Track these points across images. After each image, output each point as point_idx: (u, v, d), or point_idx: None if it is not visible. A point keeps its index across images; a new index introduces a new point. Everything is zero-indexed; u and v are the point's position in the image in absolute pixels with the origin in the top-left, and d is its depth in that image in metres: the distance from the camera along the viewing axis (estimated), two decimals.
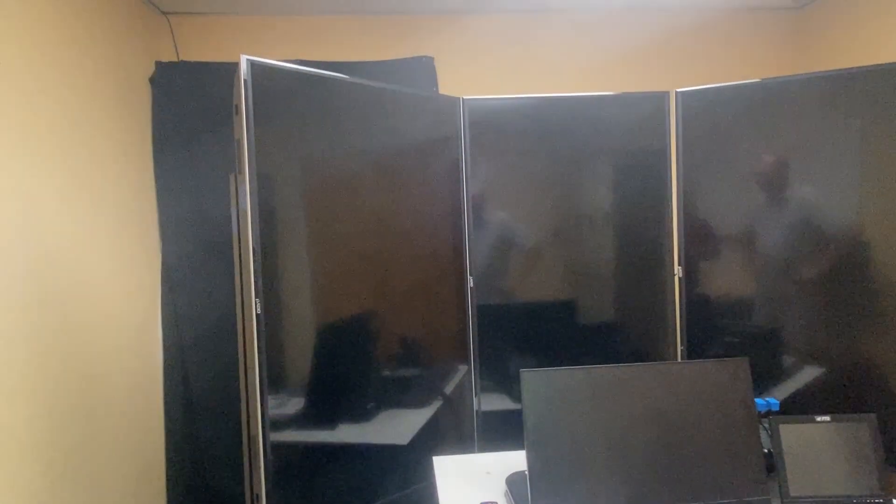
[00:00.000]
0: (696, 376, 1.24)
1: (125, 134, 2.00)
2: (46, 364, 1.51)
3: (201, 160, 2.16)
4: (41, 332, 1.49)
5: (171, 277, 2.16)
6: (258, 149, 1.37)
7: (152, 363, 2.10)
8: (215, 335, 2.11)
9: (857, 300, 1.72)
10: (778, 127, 1.78)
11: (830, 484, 1.20)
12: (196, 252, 2.16)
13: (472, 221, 1.89)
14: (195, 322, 2.16)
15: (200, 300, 2.16)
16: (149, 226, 2.13)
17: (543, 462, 1.17)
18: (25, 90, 1.48)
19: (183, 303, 2.16)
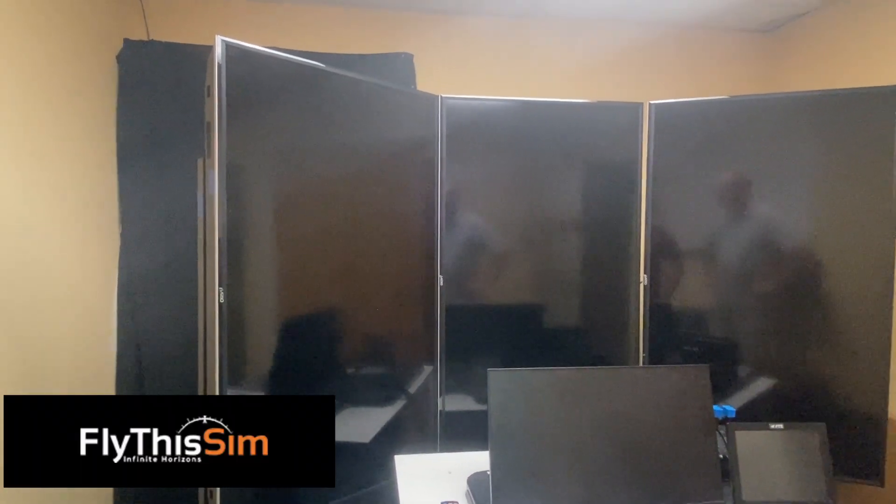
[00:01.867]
0: (657, 381, 1.26)
1: (88, 110, 1.91)
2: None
3: (168, 142, 2.09)
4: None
5: (130, 263, 2.08)
6: (229, 134, 1.33)
7: (105, 351, 2.01)
8: (174, 324, 2.04)
9: (809, 315, 1.80)
10: (743, 144, 1.84)
11: (781, 489, 1.24)
12: (157, 237, 2.09)
13: (445, 221, 1.88)
14: (153, 310, 2.08)
15: (160, 287, 2.08)
16: (108, 207, 2.04)
17: (506, 462, 1.17)
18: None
19: (140, 288, 2.08)
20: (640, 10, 2.46)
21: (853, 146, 1.73)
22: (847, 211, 1.75)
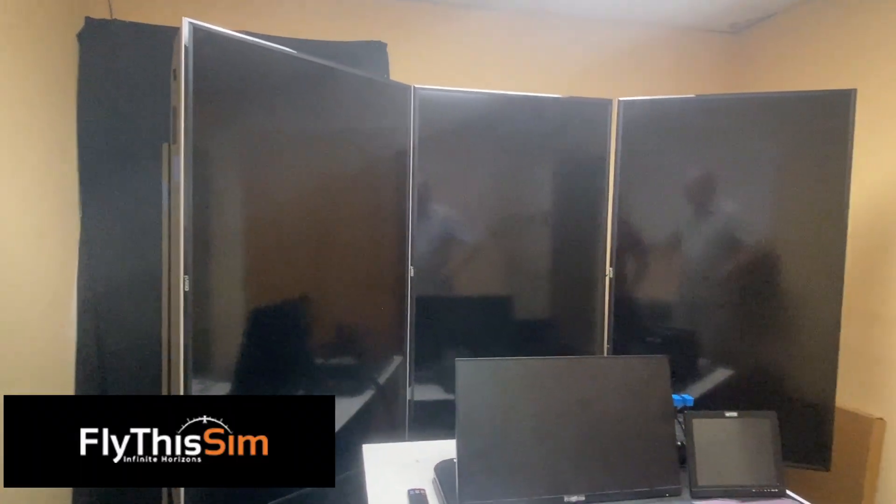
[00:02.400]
0: (620, 371, 1.30)
1: (46, 92, 1.84)
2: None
3: (131, 126, 2.02)
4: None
5: (90, 250, 2.01)
6: (196, 119, 1.30)
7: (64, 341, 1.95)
8: (137, 313, 1.99)
9: (765, 310, 1.87)
10: (708, 142, 1.89)
11: (734, 475, 1.30)
12: (120, 224, 2.03)
13: (417, 213, 1.88)
14: (115, 298, 2.02)
15: (122, 274, 2.02)
16: (68, 192, 1.97)
17: (472, 450, 1.20)
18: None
19: (102, 276, 2.01)
20: (615, 9, 2.50)
21: (811, 146, 1.80)
22: (803, 209, 1.83)
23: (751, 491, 1.28)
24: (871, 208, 2.16)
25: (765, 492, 1.29)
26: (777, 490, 1.29)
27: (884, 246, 2.12)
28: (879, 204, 2.13)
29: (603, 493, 1.21)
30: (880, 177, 2.13)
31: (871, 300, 2.15)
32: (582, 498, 1.20)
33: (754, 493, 1.28)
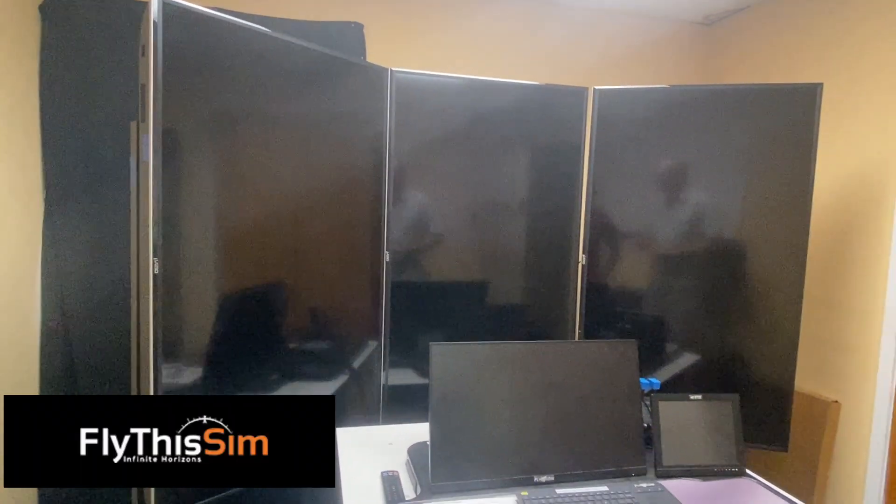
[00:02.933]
0: (590, 355, 1.33)
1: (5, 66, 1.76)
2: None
3: (98, 103, 1.96)
4: None
5: (55, 230, 1.95)
6: (165, 97, 1.26)
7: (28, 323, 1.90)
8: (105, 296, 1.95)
9: (731, 298, 1.93)
10: (680, 132, 1.93)
11: (697, 455, 1.35)
12: (85, 204, 1.97)
13: (393, 198, 1.88)
14: (81, 280, 1.97)
15: (87, 255, 1.96)
16: (30, 171, 1.91)
17: (445, 432, 1.21)
18: None
19: (68, 257, 1.96)
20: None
21: (778, 138, 1.85)
22: (769, 200, 1.88)
23: (712, 470, 1.33)
24: (833, 200, 2.23)
25: (725, 471, 1.34)
26: (737, 469, 1.35)
27: (844, 236, 2.20)
28: (842, 195, 2.21)
29: (571, 473, 1.24)
30: (843, 169, 2.20)
31: (831, 288, 2.24)
32: (551, 478, 1.23)
33: (716, 472, 1.33)
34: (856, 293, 2.15)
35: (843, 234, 2.21)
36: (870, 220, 2.11)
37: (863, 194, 2.14)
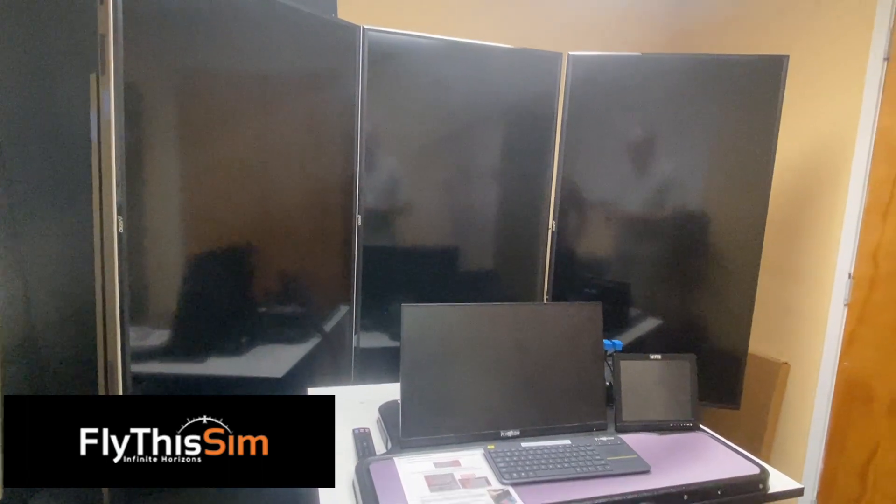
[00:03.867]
0: (556, 316, 1.37)
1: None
2: None
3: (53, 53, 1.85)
4: None
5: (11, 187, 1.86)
6: (126, 49, 1.21)
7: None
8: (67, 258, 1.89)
9: (692, 265, 2.00)
10: (651, 102, 1.95)
11: (655, 411, 1.42)
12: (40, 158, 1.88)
13: (365, 161, 1.86)
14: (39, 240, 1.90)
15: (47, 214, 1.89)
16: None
17: (415, 390, 1.24)
18: None
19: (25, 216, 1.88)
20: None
21: (743, 109, 1.90)
22: (732, 170, 1.94)
23: (668, 425, 1.41)
24: (792, 170, 2.31)
25: (681, 426, 1.41)
26: (692, 424, 1.42)
27: (801, 206, 2.29)
28: (800, 166, 2.29)
29: (536, 428, 1.30)
30: (803, 140, 2.28)
31: (786, 256, 2.34)
32: (517, 432, 1.28)
33: (671, 427, 1.41)
34: (809, 261, 2.25)
35: (799, 204, 2.30)
36: (826, 190, 2.20)
37: (820, 165, 2.22)
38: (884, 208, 1.98)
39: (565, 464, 1.17)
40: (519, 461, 1.17)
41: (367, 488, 1.05)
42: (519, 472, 1.13)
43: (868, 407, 2.02)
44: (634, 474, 1.17)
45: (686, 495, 1.14)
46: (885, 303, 1.98)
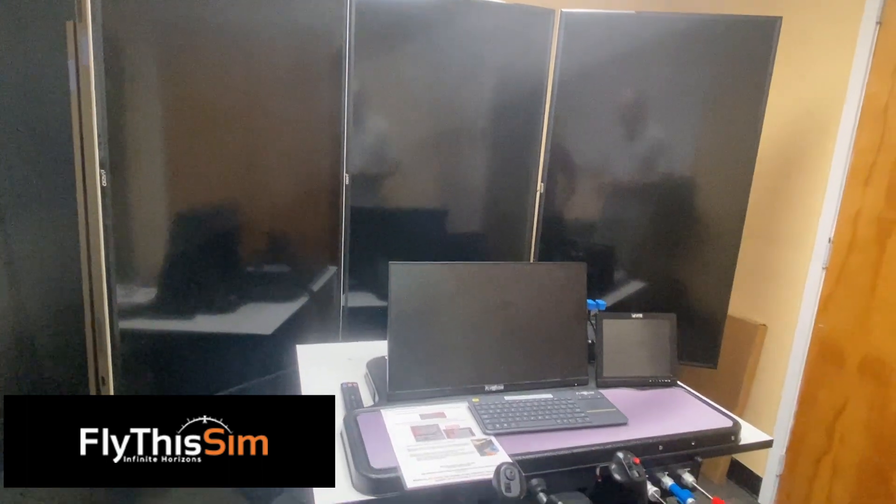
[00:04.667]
0: (541, 275, 1.39)
1: None
2: None
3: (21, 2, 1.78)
4: None
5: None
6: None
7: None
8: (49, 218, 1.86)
9: (677, 229, 2.02)
10: (643, 63, 1.93)
11: (635, 367, 1.46)
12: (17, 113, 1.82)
13: (353, 121, 1.83)
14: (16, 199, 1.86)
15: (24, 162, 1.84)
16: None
17: (403, 345, 1.27)
18: None
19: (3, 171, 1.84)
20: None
21: (735, 71, 1.88)
22: (722, 134, 1.94)
23: (647, 381, 1.46)
24: (780, 135, 2.33)
25: (659, 382, 1.46)
26: (670, 381, 1.47)
27: (787, 171, 2.31)
28: (788, 131, 2.30)
29: (519, 383, 1.34)
30: (793, 105, 2.28)
31: (769, 221, 2.38)
32: (501, 387, 1.32)
33: (650, 383, 1.46)
34: (791, 226, 2.29)
35: (785, 169, 2.32)
36: (811, 156, 2.22)
37: (806, 131, 2.24)
38: (866, 174, 2.01)
39: (546, 416, 1.21)
40: (502, 413, 1.20)
41: (354, 438, 1.09)
42: (502, 424, 1.16)
43: (839, 366, 2.09)
44: (613, 426, 1.22)
45: (661, 446, 1.19)
46: (861, 266, 2.03)
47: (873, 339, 1.98)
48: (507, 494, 0.92)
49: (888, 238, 1.94)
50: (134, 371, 1.40)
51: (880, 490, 1.95)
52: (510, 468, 0.94)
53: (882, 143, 1.96)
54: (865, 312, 2.01)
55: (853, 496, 2.04)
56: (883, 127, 1.96)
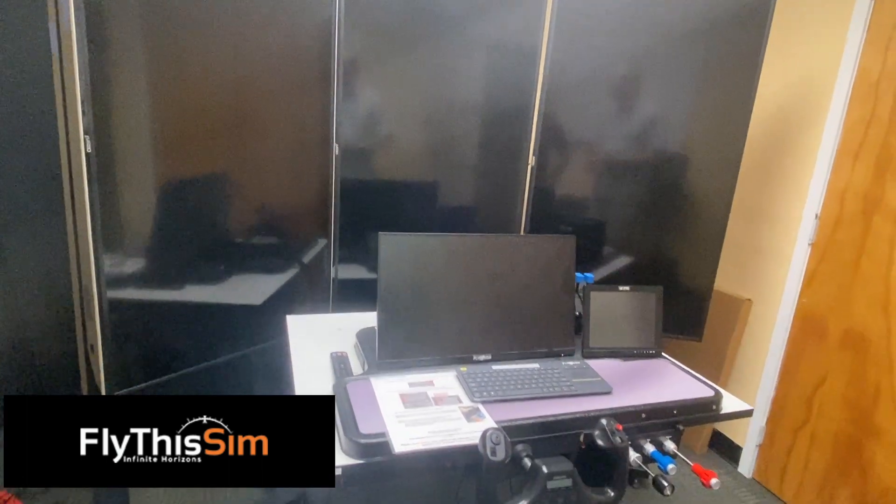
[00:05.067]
0: (531, 248, 1.40)
1: None
2: None
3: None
4: None
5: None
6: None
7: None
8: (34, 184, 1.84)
9: (666, 206, 2.03)
10: (638, 37, 1.91)
11: (621, 338, 1.49)
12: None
13: (343, 90, 1.81)
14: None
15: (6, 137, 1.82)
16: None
17: (392, 315, 1.28)
18: None
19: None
20: None
21: (729, 45, 1.86)
22: (714, 110, 1.93)
23: (632, 352, 1.48)
24: (771, 111, 2.32)
25: (644, 353, 1.49)
26: (654, 352, 1.50)
27: (777, 147, 2.32)
28: (780, 107, 2.30)
29: (507, 353, 1.36)
30: (785, 80, 2.27)
31: (757, 197, 2.39)
32: (489, 357, 1.34)
33: (635, 354, 1.48)
34: (779, 202, 2.31)
35: (775, 145, 2.32)
36: (802, 131, 2.22)
37: (798, 107, 2.23)
38: (856, 149, 2.02)
39: (533, 384, 1.23)
40: (489, 382, 1.22)
41: (343, 405, 1.10)
42: (489, 392, 1.19)
43: (821, 340, 2.14)
44: (597, 394, 1.24)
45: (644, 413, 1.22)
46: (846, 242, 2.05)
47: (855, 314, 2.02)
48: (492, 458, 0.94)
49: (874, 213, 1.96)
50: (123, 340, 1.40)
51: (853, 459, 2.01)
52: (496, 433, 0.97)
53: (872, 118, 1.97)
54: (848, 287, 2.04)
55: (828, 465, 2.11)
56: (874, 101, 1.96)
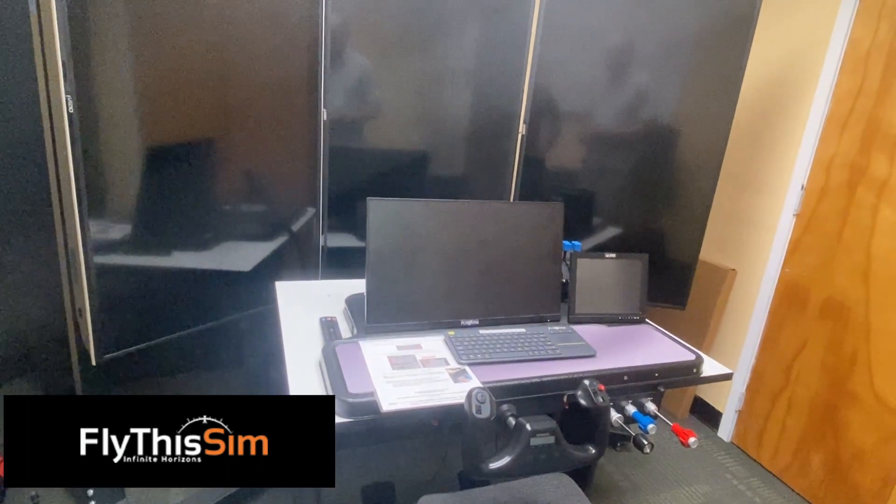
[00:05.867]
0: (519, 215, 1.41)
1: None
2: None
3: None
4: None
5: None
6: None
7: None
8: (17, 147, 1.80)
9: (655, 177, 2.04)
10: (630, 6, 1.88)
11: (606, 305, 1.51)
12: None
13: (331, 56, 1.77)
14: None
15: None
16: None
17: (381, 281, 1.29)
18: None
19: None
20: None
21: (721, 15, 1.85)
22: (704, 81, 1.93)
23: (617, 318, 1.51)
24: (761, 82, 2.32)
25: (629, 318, 1.52)
26: (638, 318, 1.53)
27: (766, 118, 2.33)
28: (770, 78, 2.30)
29: (494, 318, 1.38)
30: (776, 51, 2.27)
31: (745, 168, 2.41)
32: (476, 321, 1.36)
33: (620, 320, 1.51)
34: (766, 173, 2.33)
35: (764, 116, 2.33)
36: (791, 102, 2.22)
37: (788, 78, 2.23)
38: (843, 120, 2.03)
39: (518, 348, 1.26)
40: (476, 345, 1.25)
41: (332, 367, 1.12)
42: (476, 355, 1.21)
43: (802, 309, 2.19)
44: (581, 358, 1.27)
45: (626, 376, 1.25)
46: (830, 213, 2.08)
47: (836, 283, 2.06)
48: (477, 416, 0.96)
49: (858, 184, 1.99)
50: (111, 305, 1.41)
51: (828, 424, 2.09)
52: (481, 392, 0.99)
53: (861, 89, 1.98)
54: (830, 256, 2.08)
55: (804, 430, 2.18)
56: (864, 72, 1.97)
